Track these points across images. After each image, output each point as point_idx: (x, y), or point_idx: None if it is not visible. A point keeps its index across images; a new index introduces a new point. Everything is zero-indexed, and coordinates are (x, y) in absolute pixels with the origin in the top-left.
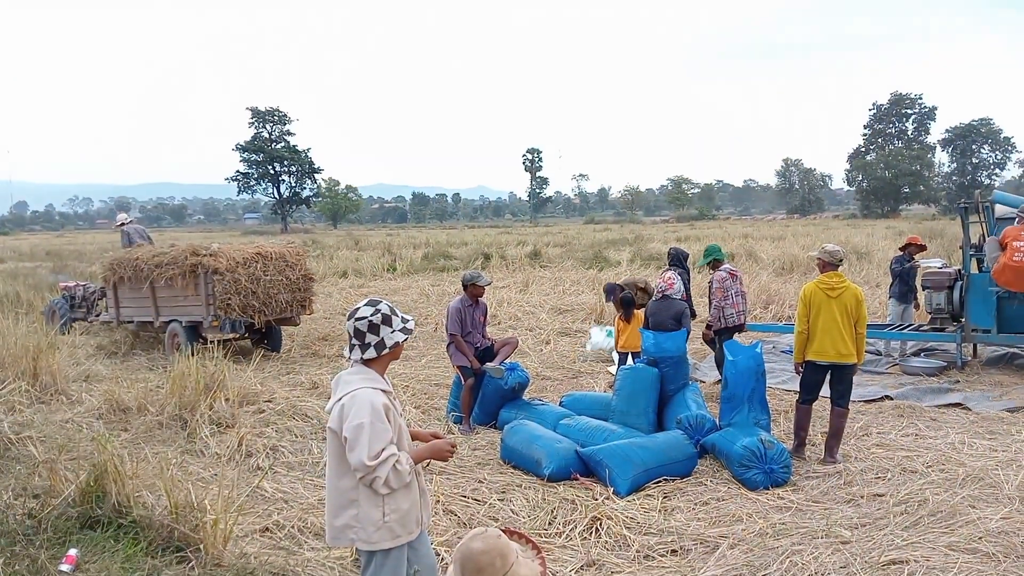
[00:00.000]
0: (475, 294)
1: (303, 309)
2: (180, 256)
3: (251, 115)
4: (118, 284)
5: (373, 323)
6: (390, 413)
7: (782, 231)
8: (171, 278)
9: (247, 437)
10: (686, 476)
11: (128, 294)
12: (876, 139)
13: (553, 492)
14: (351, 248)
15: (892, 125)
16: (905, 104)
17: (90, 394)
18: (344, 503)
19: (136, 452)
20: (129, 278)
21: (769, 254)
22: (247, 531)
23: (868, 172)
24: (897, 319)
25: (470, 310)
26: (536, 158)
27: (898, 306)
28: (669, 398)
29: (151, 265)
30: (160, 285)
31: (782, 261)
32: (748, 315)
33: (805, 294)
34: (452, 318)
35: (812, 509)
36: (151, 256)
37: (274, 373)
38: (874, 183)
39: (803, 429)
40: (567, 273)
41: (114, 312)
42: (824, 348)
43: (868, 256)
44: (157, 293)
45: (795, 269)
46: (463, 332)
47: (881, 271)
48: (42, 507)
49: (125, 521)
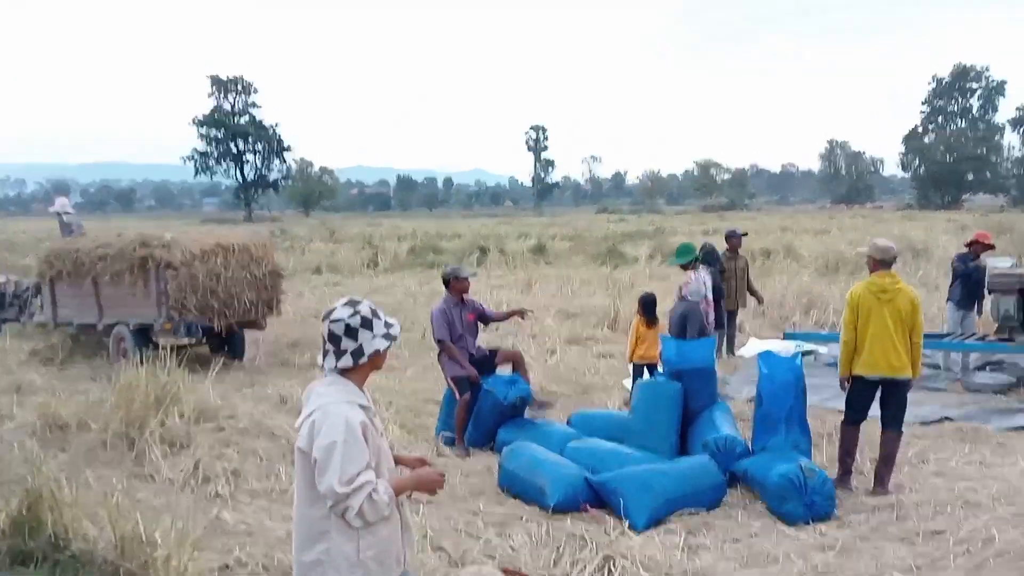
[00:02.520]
0: (460, 290)
1: (270, 311)
2: (128, 248)
3: (211, 84)
4: (55, 280)
5: (350, 326)
6: (368, 432)
7: (826, 223)
8: (117, 273)
9: (204, 459)
10: (713, 508)
11: (67, 291)
12: (935, 118)
13: (559, 526)
14: (326, 240)
15: (954, 102)
16: (970, 78)
17: (22, 408)
18: (314, 535)
19: (76, 476)
20: (68, 273)
21: (811, 250)
22: (204, 569)
23: (926, 156)
24: (956, 327)
25: (457, 310)
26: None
27: (956, 312)
28: (694, 417)
29: (94, 258)
30: (104, 281)
31: (826, 258)
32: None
33: (853, 298)
34: (437, 322)
35: (860, 548)
36: (94, 247)
37: (236, 385)
38: (933, 169)
39: (850, 455)
40: (576, 271)
41: (50, 312)
42: (874, 360)
43: (926, 253)
44: (101, 291)
45: (841, 268)
46: (453, 337)
47: (941, 271)
48: None
49: (63, 556)
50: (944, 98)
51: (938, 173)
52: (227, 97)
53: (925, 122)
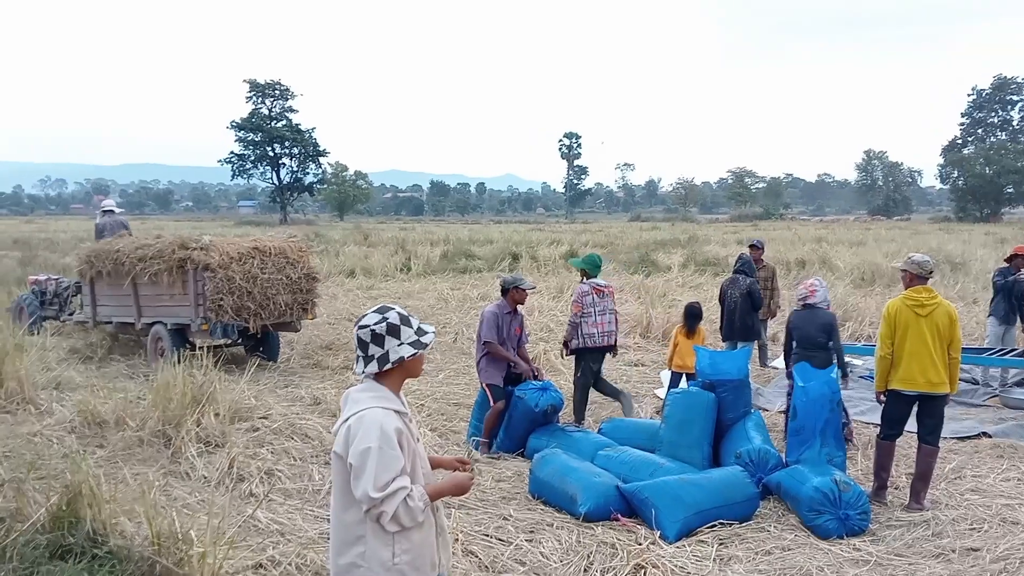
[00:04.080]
0: (516, 300)
1: (305, 313)
2: (167, 249)
3: (249, 88)
4: (95, 279)
5: (377, 333)
6: (403, 438)
7: (862, 235)
8: (156, 274)
9: (239, 458)
10: (746, 520)
11: (107, 291)
12: (975, 130)
13: (590, 534)
14: (359, 244)
15: (995, 114)
16: (1011, 89)
17: (62, 404)
18: (350, 539)
19: (113, 472)
20: (108, 272)
21: (846, 262)
22: (238, 567)
23: (965, 168)
24: (996, 342)
25: (507, 318)
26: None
27: (998, 326)
28: (727, 428)
29: (133, 259)
30: (143, 282)
31: (862, 270)
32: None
33: (889, 312)
34: (488, 323)
35: (894, 564)
36: (134, 248)
37: (270, 386)
38: (972, 181)
39: (885, 469)
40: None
41: (90, 311)
42: (911, 375)
43: (964, 267)
44: (140, 291)
45: (877, 280)
46: (499, 342)
47: (979, 285)
48: (7, 532)
49: (100, 551)
50: (984, 110)
51: (977, 186)
52: (264, 101)
53: (965, 134)
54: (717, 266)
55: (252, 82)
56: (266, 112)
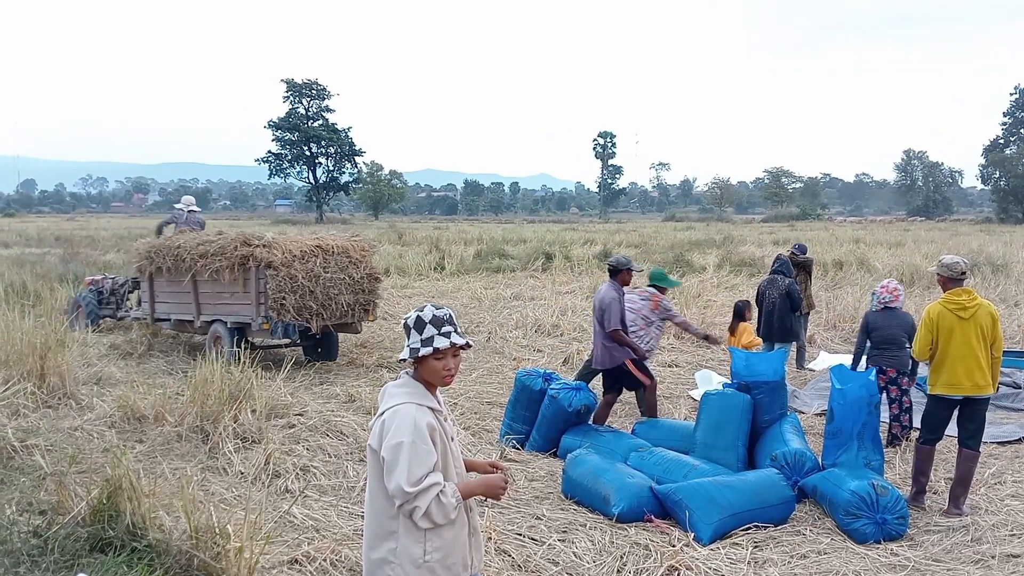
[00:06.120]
0: (625, 281)
1: (366, 314)
2: (229, 246)
3: (286, 88)
4: (155, 275)
5: (406, 324)
6: (436, 435)
7: (901, 236)
8: (217, 271)
9: (275, 455)
10: (781, 523)
11: (166, 287)
12: (1018, 130)
13: (623, 534)
14: (394, 243)
15: None
16: None
17: (102, 399)
18: (382, 534)
19: (152, 467)
20: (168, 269)
21: (885, 263)
22: (274, 562)
23: (1007, 169)
24: None
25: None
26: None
27: None
28: (762, 430)
29: (195, 255)
30: (204, 279)
31: (900, 271)
32: None
33: (931, 317)
34: (615, 312)
35: (932, 570)
36: (195, 244)
37: (306, 383)
38: (1014, 182)
39: (924, 474)
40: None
41: (149, 308)
42: (958, 379)
43: (1005, 269)
44: (200, 288)
45: (916, 282)
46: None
47: (1021, 288)
48: (49, 525)
49: (140, 545)
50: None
51: (1019, 186)
52: (301, 101)
53: (1007, 133)
54: (752, 267)
55: (289, 82)
56: (303, 112)
